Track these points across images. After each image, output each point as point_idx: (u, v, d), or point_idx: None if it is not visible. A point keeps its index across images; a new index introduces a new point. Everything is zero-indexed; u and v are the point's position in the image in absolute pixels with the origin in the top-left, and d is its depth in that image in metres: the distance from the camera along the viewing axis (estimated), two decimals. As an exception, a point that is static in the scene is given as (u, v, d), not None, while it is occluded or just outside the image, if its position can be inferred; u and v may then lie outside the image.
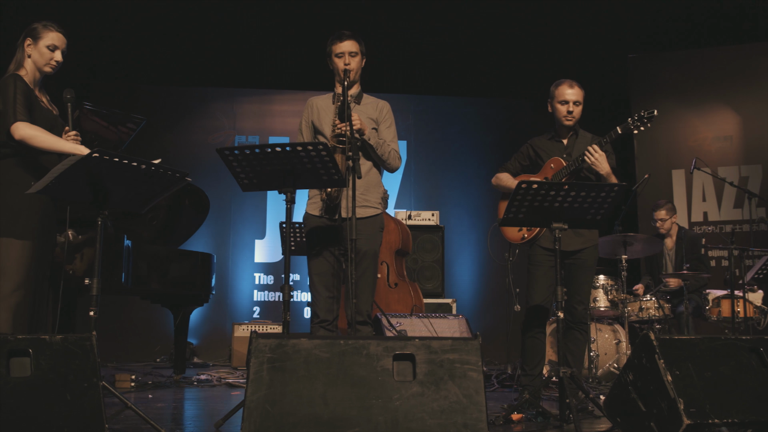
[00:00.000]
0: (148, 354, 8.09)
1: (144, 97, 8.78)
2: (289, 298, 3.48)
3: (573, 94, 4.21)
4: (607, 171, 4.07)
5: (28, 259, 3.55)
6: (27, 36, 3.75)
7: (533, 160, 4.36)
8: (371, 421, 2.61)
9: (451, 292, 7.98)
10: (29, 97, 3.64)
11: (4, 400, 2.55)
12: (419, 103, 9.11)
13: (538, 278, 4.20)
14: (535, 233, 4.19)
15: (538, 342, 4.23)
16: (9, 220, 3.54)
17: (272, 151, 3.35)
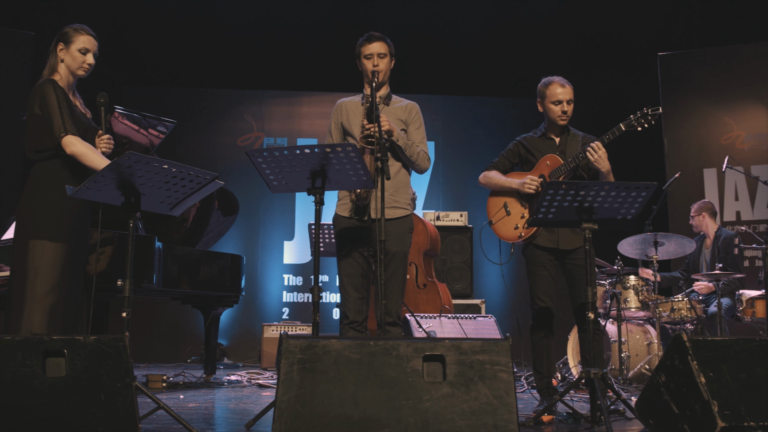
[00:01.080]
0: (179, 355, 8.18)
1: (174, 100, 8.88)
2: (318, 300, 3.49)
3: (565, 93, 4.17)
4: (608, 169, 4.02)
5: (62, 261, 3.59)
6: (59, 41, 3.80)
7: (524, 158, 4.32)
8: (401, 422, 2.61)
9: (479, 292, 7.95)
10: (68, 103, 3.69)
11: (40, 399, 2.59)
12: (447, 103, 9.09)
13: (542, 278, 4.17)
14: (532, 232, 4.15)
15: (548, 342, 4.20)
16: (43, 222, 3.59)
17: (301, 153, 3.37)
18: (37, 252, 3.56)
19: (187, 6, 8.52)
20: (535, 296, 4.18)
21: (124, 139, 5.36)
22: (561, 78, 4.22)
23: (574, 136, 4.26)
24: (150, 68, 8.86)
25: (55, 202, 3.62)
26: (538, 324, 4.18)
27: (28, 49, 7.39)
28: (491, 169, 4.37)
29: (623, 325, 5.64)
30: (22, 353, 2.60)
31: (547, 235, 4.13)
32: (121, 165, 3.28)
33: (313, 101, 9.07)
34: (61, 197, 3.57)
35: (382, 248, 3.50)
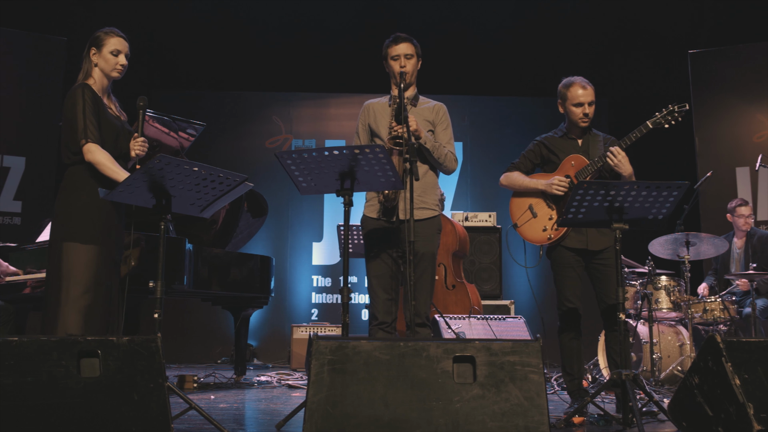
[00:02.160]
0: (209, 355, 8.24)
1: (203, 103, 8.96)
2: (347, 300, 3.50)
3: (587, 95, 4.12)
4: (630, 172, 3.98)
5: (95, 263, 3.63)
6: (91, 45, 3.85)
7: (546, 158, 4.28)
8: (432, 423, 2.61)
9: (509, 293, 7.91)
10: (97, 107, 3.73)
11: (75, 399, 2.62)
12: (475, 104, 9.07)
13: (569, 280, 4.13)
14: (561, 233, 4.11)
15: (577, 344, 4.17)
16: (74, 224, 3.64)
17: (330, 155, 3.38)
18: (71, 254, 3.60)
19: (216, 10, 8.59)
20: (563, 298, 4.14)
21: (154, 142, 5.41)
22: (582, 79, 4.17)
23: (595, 137, 4.22)
24: (180, 72, 8.95)
25: (88, 204, 3.66)
26: (566, 325, 4.15)
27: (61, 54, 7.50)
28: (513, 170, 4.33)
29: (654, 326, 5.58)
30: (57, 353, 2.64)
31: (575, 236, 4.09)
32: (152, 168, 3.32)
33: (341, 103, 9.09)
34: (93, 200, 3.62)
35: (411, 249, 3.50)
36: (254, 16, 8.65)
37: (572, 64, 8.49)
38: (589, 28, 8.55)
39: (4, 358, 2.54)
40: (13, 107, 7.12)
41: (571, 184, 4.06)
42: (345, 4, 8.62)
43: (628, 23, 8.40)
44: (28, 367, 2.57)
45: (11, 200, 7.13)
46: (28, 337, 2.66)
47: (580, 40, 8.57)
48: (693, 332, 5.68)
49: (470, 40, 8.70)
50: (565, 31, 8.55)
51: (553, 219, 4.13)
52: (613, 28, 8.50)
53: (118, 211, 3.79)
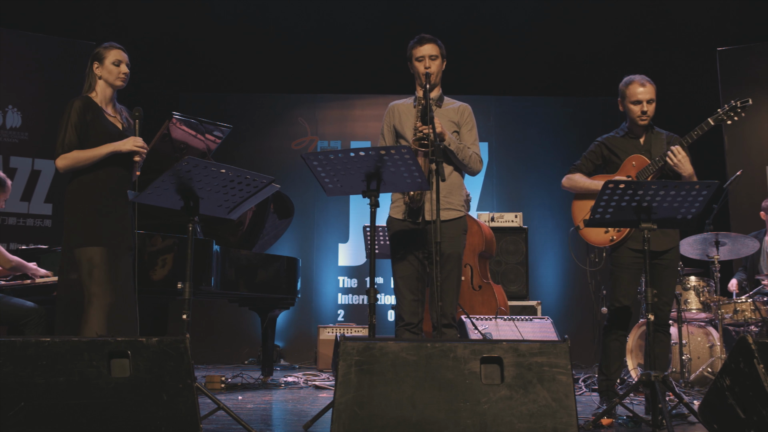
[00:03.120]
0: (237, 356, 8.29)
1: (229, 105, 9.02)
2: (374, 301, 3.50)
3: (646, 93, 4.08)
4: (690, 173, 3.93)
5: (106, 263, 3.70)
6: (94, 60, 3.98)
7: (607, 159, 4.23)
8: (459, 424, 2.60)
9: (535, 294, 7.87)
10: (85, 117, 3.80)
11: (106, 399, 2.66)
12: (500, 104, 9.04)
13: (624, 280, 4.10)
14: (624, 234, 4.07)
15: (620, 345, 4.13)
16: (82, 231, 3.72)
17: (356, 156, 3.39)
18: (83, 258, 3.69)
19: (241, 13, 8.65)
20: (615, 297, 4.11)
21: (181, 144, 5.46)
22: (642, 77, 4.12)
23: (657, 135, 4.16)
24: (206, 74, 9.02)
25: (90, 210, 3.76)
26: (613, 325, 4.11)
27: (90, 58, 7.59)
28: (574, 172, 4.28)
29: (684, 327, 5.52)
30: (88, 354, 2.67)
31: (638, 236, 4.03)
32: (180, 170, 3.35)
33: (366, 104, 9.11)
34: (95, 205, 3.75)
35: (437, 250, 3.49)
36: (279, 18, 8.69)
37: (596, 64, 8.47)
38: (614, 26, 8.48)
39: (37, 359, 2.58)
40: (43, 112, 7.23)
41: None
42: (369, 6, 8.64)
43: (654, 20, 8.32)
44: (61, 368, 2.61)
45: (42, 203, 7.23)
46: (60, 337, 2.70)
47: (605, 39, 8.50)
48: (723, 333, 5.60)
49: (494, 39, 8.67)
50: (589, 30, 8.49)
51: None
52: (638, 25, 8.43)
53: (125, 213, 3.83)
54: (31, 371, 2.55)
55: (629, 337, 5.81)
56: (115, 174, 3.83)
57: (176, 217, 3.96)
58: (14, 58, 7.31)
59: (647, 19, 8.36)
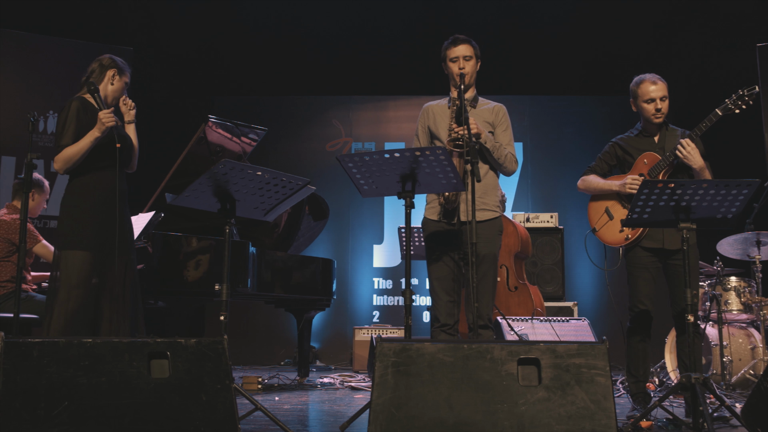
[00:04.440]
0: (273, 357, 8.35)
1: (264, 108, 9.09)
2: (410, 303, 3.50)
3: (658, 90, 4.05)
4: (701, 165, 3.89)
5: (85, 268, 3.75)
6: (114, 68, 4.05)
7: (621, 158, 4.21)
8: (497, 425, 2.59)
9: (572, 294, 7.80)
10: (81, 120, 3.84)
11: (146, 399, 2.69)
12: (534, 103, 8.98)
13: (641, 283, 4.06)
14: (638, 234, 4.03)
15: (645, 346, 4.09)
16: (68, 232, 3.78)
17: (391, 157, 3.39)
18: (62, 260, 3.75)
19: (275, 16, 8.71)
20: (635, 299, 4.07)
21: (217, 147, 5.52)
22: (653, 75, 4.11)
23: (672, 132, 4.13)
24: (240, 77, 9.10)
25: (80, 212, 3.81)
26: (636, 327, 4.08)
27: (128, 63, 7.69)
28: (589, 174, 4.28)
29: (725, 328, 5.43)
30: (129, 355, 2.71)
31: (652, 235, 4.02)
32: (216, 173, 3.39)
33: (400, 105, 9.11)
34: (86, 207, 3.80)
35: (473, 251, 3.48)
36: (313, 21, 8.74)
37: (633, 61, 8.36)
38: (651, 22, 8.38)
39: (79, 359, 2.62)
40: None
41: None
42: (403, 7, 8.64)
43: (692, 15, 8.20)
44: (102, 368, 2.64)
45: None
46: (102, 338, 2.74)
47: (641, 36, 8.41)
48: (766, 335, 5.50)
49: (528, 38, 8.62)
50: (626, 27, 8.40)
51: None
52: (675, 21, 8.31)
53: (117, 217, 3.85)
54: (74, 371, 2.59)
55: (668, 338, 5.74)
56: (106, 178, 3.86)
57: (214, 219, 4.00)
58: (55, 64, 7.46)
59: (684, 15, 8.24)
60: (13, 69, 7.34)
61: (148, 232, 4.78)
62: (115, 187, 3.82)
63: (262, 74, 9.05)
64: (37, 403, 2.50)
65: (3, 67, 7.32)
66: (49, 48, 7.44)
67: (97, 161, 3.82)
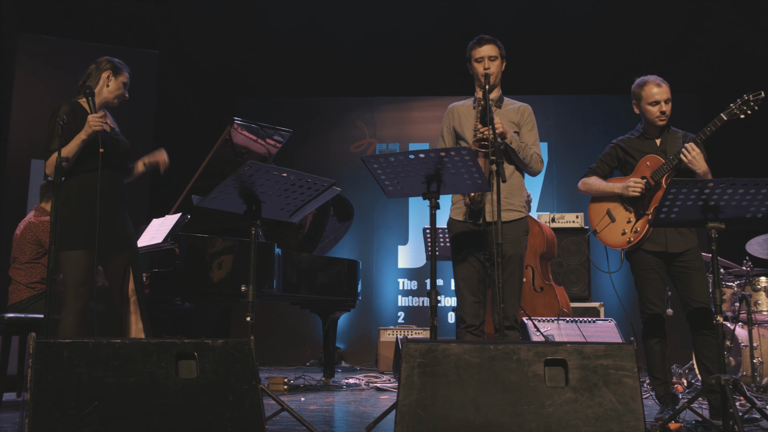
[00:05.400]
0: (298, 358, 8.38)
1: (288, 110, 9.13)
2: (436, 303, 3.49)
3: (662, 93, 4.01)
4: (705, 170, 3.85)
5: (85, 267, 3.80)
6: (108, 70, 4.08)
7: (622, 160, 4.17)
8: (524, 427, 2.58)
9: (598, 295, 7.75)
10: (69, 124, 3.85)
11: (174, 399, 2.71)
12: (559, 103, 8.94)
13: (651, 282, 4.02)
14: (641, 236, 3.99)
15: (661, 348, 4.04)
16: (65, 233, 3.79)
17: (416, 158, 3.39)
18: (64, 261, 3.80)
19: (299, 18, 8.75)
20: (646, 300, 4.04)
21: (243, 149, 5.55)
22: (656, 77, 4.07)
23: (674, 134, 4.09)
24: (264, 79, 9.15)
25: (75, 213, 3.84)
26: (651, 329, 4.04)
27: (153, 67, 7.78)
28: (590, 175, 4.26)
29: (754, 329, 5.36)
30: (157, 355, 2.73)
31: (654, 238, 3.99)
32: (242, 174, 3.41)
33: (424, 106, 9.11)
34: (80, 208, 3.82)
35: (498, 251, 3.47)
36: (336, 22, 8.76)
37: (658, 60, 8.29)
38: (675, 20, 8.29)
39: (108, 359, 2.65)
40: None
41: (647, 185, 3.96)
42: (426, 7, 8.64)
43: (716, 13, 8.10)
44: (131, 368, 2.67)
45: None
46: (130, 339, 2.77)
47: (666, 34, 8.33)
48: (796, 335, 5.42)
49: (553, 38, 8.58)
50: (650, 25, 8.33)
51: (632, 222, 4.04)
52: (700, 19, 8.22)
53: (115, 215, 3.89)
54: (104, 372, 2.62)
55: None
56: (102, 176, 3.87)
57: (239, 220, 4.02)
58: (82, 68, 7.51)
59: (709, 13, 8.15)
60: (41, 74, 7.44)
61: (175, 234, 4.81)
62: (108, 188, 3.86)
63: (287, 76, 9.09)
64: (67, 402, 2.53)
65: (32, 72, 7.43)
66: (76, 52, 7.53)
67: (88, 163, 3.87)
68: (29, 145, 7.22)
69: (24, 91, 7.38)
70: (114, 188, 3.89)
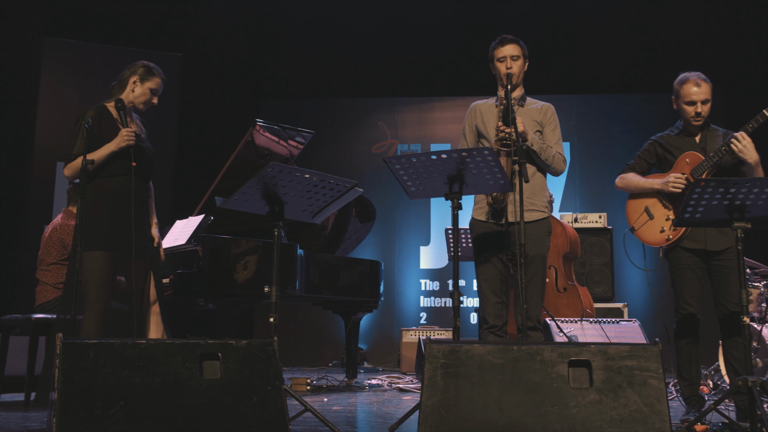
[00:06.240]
0: (321, 359, 8.40)
1: (309, 111, 9.16)
2: (458, 304, 3.48)
3: (700, 93, 3.94)
4: (756, 159, 3.78)
5: (107, 268, 3.83)
6: (137, 74, 4.09)
7: (661, 157, 4.12)
8: (548, 428, 2.57)
9: (621, 296, 7.70)
10: (95, 128, 3.89)
11: (198, 399, 2.73)
12: (581, 102, 8.88)
13: (687, 282, 3.97)
14: (679, 234, 3.94)
15: (694, 349, 3.99)
16: (88, 234, 3.81)
17: (438, 158, 3.38)
18: (87, 261, 3.81)
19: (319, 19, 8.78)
20: (682, 300, 3.99)
21: (265, 150, 5.57)
22: (698, 75, 4.00)
23: (713, 132, 4.04)
24: (285, 81, 9.19)
25: (97, 214, 3.86)
26: (683, 329, 3.99)
27: (176, 69, 7.84)
28: (627, 172, 4.21)
29: (781, 330, 5.29)
30: (181, 356, 2.75)
31: (694, 236, 3.94)
32: (265, 176, 3.42)
33: (445, 106, 9.10)
34: (102, 210, 3.86)
35: (521, 252, 3.46)
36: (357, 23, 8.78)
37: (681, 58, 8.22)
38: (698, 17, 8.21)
39: (133, 360, 2.67)
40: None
41: (688, 182, 3.91)
42: (447, 7, 8.63)
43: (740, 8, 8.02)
44: (156, 369, 2.69)
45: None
46: (155, 340, 2.79)
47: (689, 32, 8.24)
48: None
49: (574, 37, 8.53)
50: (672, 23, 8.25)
51: (671, 219, 3.99)
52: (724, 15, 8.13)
53: (133, 218, 3.90)
54: (129, 372, 2.64)
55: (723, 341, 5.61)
56: (121, 181, 3.91)
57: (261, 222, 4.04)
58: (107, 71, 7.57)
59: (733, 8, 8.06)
60: (66, 77, 7.53)
61: (198, 235, 4.85)
62: (128, 194, 3.87)
63: (308, 78, 9.12)
64: (94, 402, 2.56)
65: (57, 76, 7.52)
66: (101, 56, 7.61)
67: (112, 167, 3.91)
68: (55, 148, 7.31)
69: (49, 94, 7.48)
70: (137, 195, 3.92)
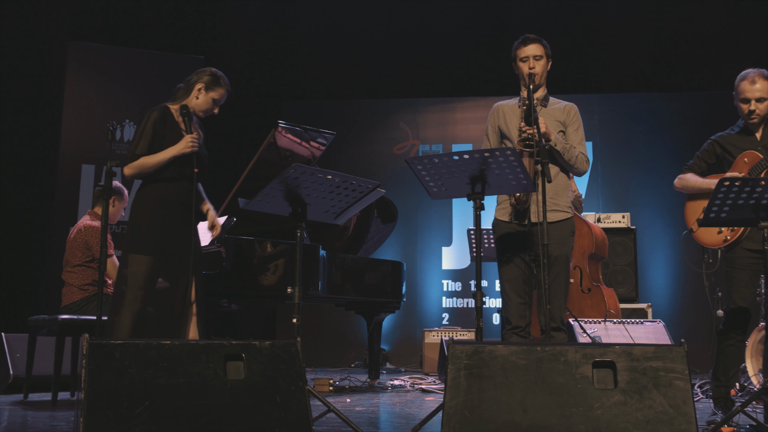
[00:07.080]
0: (344, 359, 8.41)
1: (331, 112, 9.18)
2: (481, 305, 3.47)
3: (755, 91, 3.83)
4: None
5: (149, 272, 3.83)
6: (203, 82, 4.07)
7: (720, 157, 4.03)
8: (572, 429, 2.55)
9: (645, 296, 7.64)
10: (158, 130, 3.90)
11: (222, 400, 2.75)
12: (603, 102, 8.83)
13: (741, 282, 3.89)
14: (738, 234, 3.88)
15: (737, 350, 3.93)
16: (134, 237, 3.86)
17: (460, 159, 3.38)
18: (130, 263, 3.83)
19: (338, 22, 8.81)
20: (731, 301, 3.91)
21: (287, 152, 5.59)
22: (757, 72, 3.87)
23: None
24: (307, 82, 9.22)
25: (145, 218, 3.89)
26: (729, 329, 3.92)
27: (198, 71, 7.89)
28: (686, 172, 4.12)
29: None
30: (205, 357, 2.77)
31: (753, 235, 3.86)
32: (287, 177, 3.44)
33: (467, 107, 9.08)
34: (151, 213, 3.87)
35: (545, 252, 3.44)
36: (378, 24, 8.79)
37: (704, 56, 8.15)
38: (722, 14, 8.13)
39: (158, 360, 2.69)
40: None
41: None
42: (468, 7, 8.62)
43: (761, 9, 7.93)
44: (180, 369, 2.71)
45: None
46: (179, 340, 2.81)
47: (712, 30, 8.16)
48: None
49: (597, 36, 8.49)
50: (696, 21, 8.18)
51: None
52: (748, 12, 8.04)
53: (182, 224, 3.92)
54: (154, 372, 2.67)
55: (749, 341, 5.55)
56: (177, 186, 3.93)
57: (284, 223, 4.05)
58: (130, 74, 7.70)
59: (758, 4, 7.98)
60: (90, 80, 7.62)
61: (221, 237, 4.87)
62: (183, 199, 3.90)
63: (329, 79, 9.15)
64: (120, 402, 2.58)
65: (81, 79, 7.60)
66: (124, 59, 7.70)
67: (171, 172, 3.92)
68: (80, 150, 7.39)
69: (74, 97, 7.57)
70: (189, 199, 3.94)
